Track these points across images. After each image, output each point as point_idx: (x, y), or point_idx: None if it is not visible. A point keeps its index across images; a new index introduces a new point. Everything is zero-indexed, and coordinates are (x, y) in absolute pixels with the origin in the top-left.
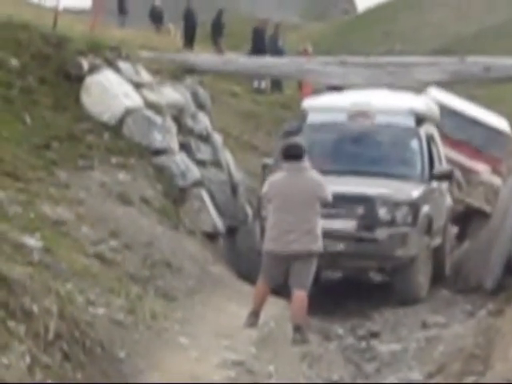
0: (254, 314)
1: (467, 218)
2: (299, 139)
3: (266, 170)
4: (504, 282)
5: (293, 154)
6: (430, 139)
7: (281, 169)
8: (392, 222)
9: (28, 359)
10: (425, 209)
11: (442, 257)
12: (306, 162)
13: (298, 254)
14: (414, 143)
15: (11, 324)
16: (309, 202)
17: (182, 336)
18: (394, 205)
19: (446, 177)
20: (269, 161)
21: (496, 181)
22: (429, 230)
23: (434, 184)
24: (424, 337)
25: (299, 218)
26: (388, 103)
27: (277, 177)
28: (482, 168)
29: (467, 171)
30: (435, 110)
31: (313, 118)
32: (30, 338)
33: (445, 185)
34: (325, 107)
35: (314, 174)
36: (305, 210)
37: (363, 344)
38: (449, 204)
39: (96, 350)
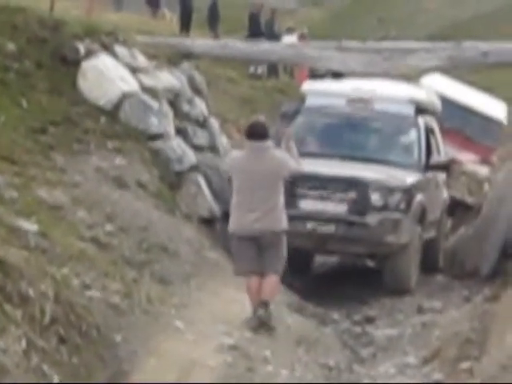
0: (257, 306)
1: (451, 210)
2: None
3: None
4: (500, 267)
5: (255, 132)
6: (428, 130)
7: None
8: (384, 208)
9: (24, 343)
10: (419, 197)
11: (436, 251)
12: (268, 142)
13: (262, 234)
14: (412, 132)
15: (7, 308)
16: (271, 182)
17: (179, 320)
18: (387, 190)
19: (443, 167)
20: None
21: (482, 171)
22: (422, 219)
23: (430, 174)
24: (420, 322)
25: (261, 198)
26: (388, 91)
27: (238, 156)
28: (465, 158)
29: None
30: (437, 103)
31: (311, 101)
32: (26, 322)
33: (442, 177)
34: (324, 91)
35: (277, 153)
36: (266, 189)
37: (359, 329)
38: (445, 197)
39: (92, 333)
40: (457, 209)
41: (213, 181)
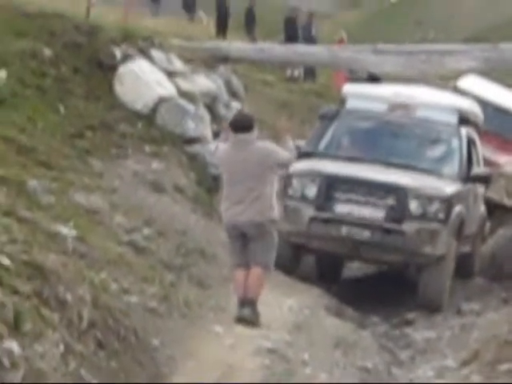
0: (243, 304)
1: (489, 212)
2: (336, 129)
3: (298, 152)
4: None
5: (240, 126)
6: (470, 141)
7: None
8: (422, 217)
9: (62, 347)
10: (457, 208)
11: (471, 267)
12: (253, 134)
13: (246, 226)
14: (454, 141)
15: (45, 312)
16: (256, 173)
17: (217, 324)
18: (426, 198)
19: (484, 180)
20: (299, 143)
21: None
22: (459, 232)
23: (470, 186)
24: (458, 324)
25: (246, 190)
26: (431, 98)
27: (224, 148)
28: (503, 160)
29: (488, 163)
30: (479, 114)
31: (352, 104)
32: (64, 327)
33: (481, 190)
34: (366, 95)
35: (263, 144)
36: (251, 180)
37: (397, 332)
38: (482, 211)
39: (130, 338)
40: (495, 211)
41: None
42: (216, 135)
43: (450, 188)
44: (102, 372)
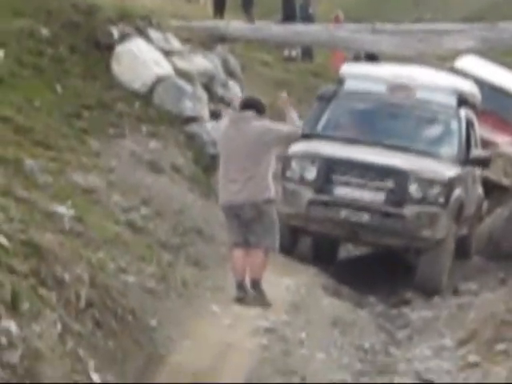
0: (241, 286)
1: (486, 192)
2: (334, 110)
3: None
4: None
5: (246, 105)
6: (469, 123)
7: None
8: (422, 200)
9: (59, 327)
10: (457, 192)
11: (468, 248)
12: (249, 112)
13: (241, 206)
14: (454, 123)
15: (43, 292)
16: (251, 151)
17: (214, 304)
18: (426, 182)
19: (483, 163)
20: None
21: None
22: (458, 215)
23: (469, 168)
24: (456, 304)
25: (241, 168)
26: (431, 80)
27: (221, 126)
28: (501, 139)
29: (485, 143)
30: (478, 95)
31: (350, 85)
32: (62, 306)
33: (478, 172)
34: (364, 75)
35: (261, 122)
36: (247, 159)
37: (395, 311)
38: (480, 193)
39: (127, 317)
40: (493, 191)
41: None
42: (213, 114)
43: (450, 171)
44: (99, 351)
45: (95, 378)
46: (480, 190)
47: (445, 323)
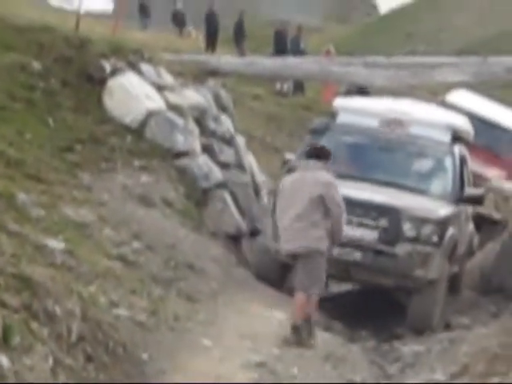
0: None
1: (477, 226)
2: (326, 144)
3: (287, 165)
4: None
5: (313, 153)
6: (463, 160)
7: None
8: (416, 239)
9: (51, 361)
10: (451, 231)
11: (458, 285)
12: (319, 163)
13: (297, 253)
14: (448, 160)
15: (34, 326)
16: (311, 201)
17: (205, 337)
18: (420, 221)
19: (477, 201)
20: (290, 156)
21: (509, 186)
22: (451, 254)
23: (462, 207)
24: (447, 338)
25: (299, 217)
26: (425, 115)
27: (289, 176)
28: (492, 174)
29: (476, 178)
30: (471, 131)
31: (343, 119)
32: (53, 340)
33: (470, 210)
34: (357, 109)
35: (324, 175)
36: (306, 208)
37: (386, 346)
38: (471, 230)
39: (119, 351)
40: (484, 225)
41: (239, 198)
42: (205, 149)
43: (443, 210)
44: None
45: None
46: (471, 226)
47: (437, 357)
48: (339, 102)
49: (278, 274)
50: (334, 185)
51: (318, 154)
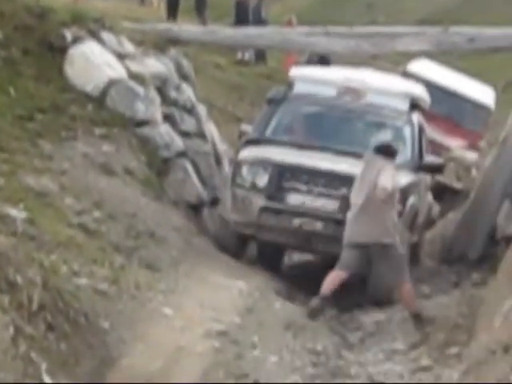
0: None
1: (438, 196)
2: (283, 114)
3: (243, 137)
4: (488, 252)
5: (380, 148)
6: (421, 128)
7: None
8: None
9: (12, 330)
10: (411, 200)
11: (417, 255)
12: (382, 160)
13: (367, 245)
14: (407, 129)
15: None
16: (371, 194)
17: (166, 306)
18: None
19: (436, 170)
20: (246, 128)
21: (470, 156)
22: (412, 223)
23: (422, 176)
24: None
25: (364, 209)
26: (382, 83)
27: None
28: (453, 143)
29: (438, 147)
30: (428, 100)
31: (300, 88)
32: (14, 309)
33: (429, 178)
34: (314, 78)
35: (384, 170)
36: (368, 201)
37: (347, 315)
38: (430, 200)
39: (80, 320)
40: (445, 195)
41: (200, 167)
42: (166, 117)
43: (404, 179)
44: (51, 354)
45: (47, 380)
46: (430, 196)
47: (397, 326)
48: (296, 72)
49: (236, 246)
50: (386, 177)
51: (385, 151)
